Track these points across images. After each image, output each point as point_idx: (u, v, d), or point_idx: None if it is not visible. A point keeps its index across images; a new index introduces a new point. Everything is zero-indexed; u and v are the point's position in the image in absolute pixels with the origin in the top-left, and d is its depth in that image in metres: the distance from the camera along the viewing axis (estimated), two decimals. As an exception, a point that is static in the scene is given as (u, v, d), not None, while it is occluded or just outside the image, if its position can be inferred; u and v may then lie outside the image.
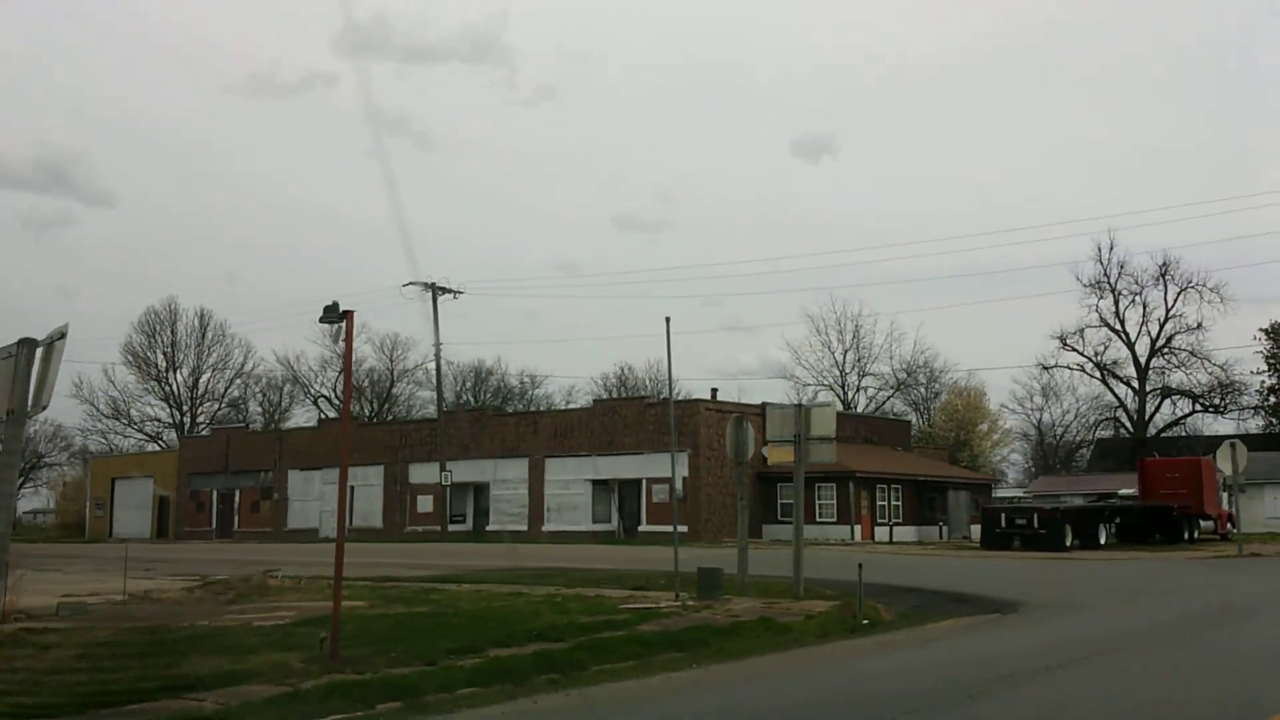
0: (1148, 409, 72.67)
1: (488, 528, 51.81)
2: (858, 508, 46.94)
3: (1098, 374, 71.92)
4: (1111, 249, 67.86)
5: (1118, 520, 42.29)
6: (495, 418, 53.50)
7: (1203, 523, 46.15)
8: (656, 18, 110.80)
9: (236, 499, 61.44)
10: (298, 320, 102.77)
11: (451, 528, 52.93)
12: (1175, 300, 67.92)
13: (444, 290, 48.55)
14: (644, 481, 47.42)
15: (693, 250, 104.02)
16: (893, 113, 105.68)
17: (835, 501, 46.97)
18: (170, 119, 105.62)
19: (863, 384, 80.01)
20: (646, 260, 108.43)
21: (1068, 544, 37.15)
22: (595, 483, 48.65)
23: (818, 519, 47.19)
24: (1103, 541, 38.90)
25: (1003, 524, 38.26)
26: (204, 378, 78.24)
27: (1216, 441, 77.04)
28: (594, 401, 56.87)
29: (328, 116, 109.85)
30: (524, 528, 49.88)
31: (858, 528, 46.61)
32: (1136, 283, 68.21)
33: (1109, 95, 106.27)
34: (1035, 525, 37.39)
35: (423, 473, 53.49)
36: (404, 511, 54.13)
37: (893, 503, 49.08)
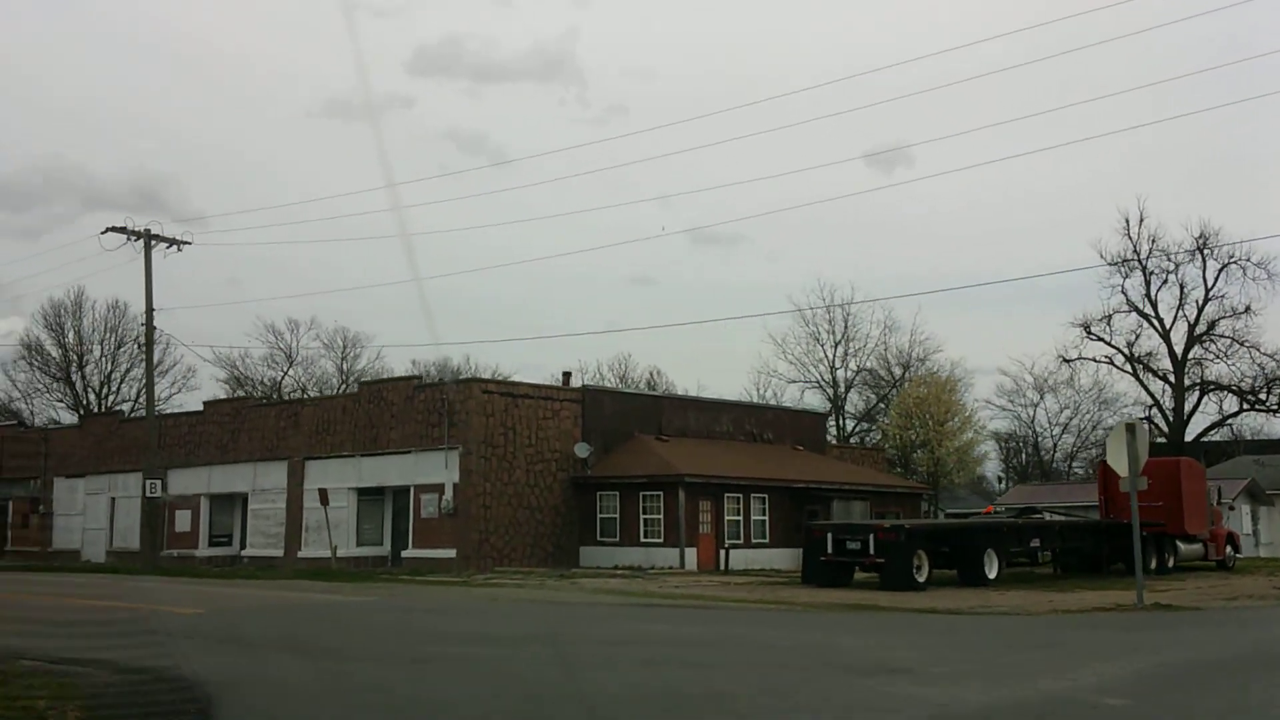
0: (1186, 407, 59.99)
1: (243, 552, 40.31)
2: (692, 524, 34.42)
3: (1129, 367, 59.46)
4: (1141, 221, 55.71)
5: (1034, 543, 29.39)
6: (256, 409, 41.62)
7: (1184, 546, 33.15)
8: (719, 33, 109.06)
9: (9, 512, 50.65)
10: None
11: (212, 551, 41.48)
12: (1216, 279, 55.38)
13: (162, 239, 36.96)
14: (412, 490, 35.49)
15: (767, 262, 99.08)
16: (963, 114, 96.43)
17: (664, 516, 34.57)
18: (252, 144, 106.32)
19: (856, 380, 68.64)
20: (723, 274, 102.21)
21: (921, 579, 24.65)
22: (360, 491, 36.86)
23: (642, 539, 34.93)
24: (992, 575, 26.12)
25: (830, 549, 25.67)
26: (116, 375, 68.23)
27: (1264, 446, 63.93)
28: (359, 385, 44.92)
29: (403, 138, 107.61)
30: (280, 553, 38.25)
31: (691, 551, 34.12)
32: (1169, 259, 55.92)
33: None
34: (872, 551, 24.86)
35: (184, 480, 42.16)
36: (158, 530, 42.71)
37: (753, 517, 36.36)
